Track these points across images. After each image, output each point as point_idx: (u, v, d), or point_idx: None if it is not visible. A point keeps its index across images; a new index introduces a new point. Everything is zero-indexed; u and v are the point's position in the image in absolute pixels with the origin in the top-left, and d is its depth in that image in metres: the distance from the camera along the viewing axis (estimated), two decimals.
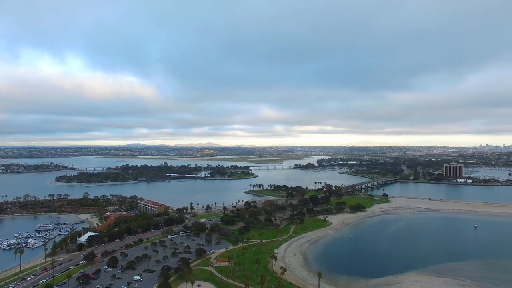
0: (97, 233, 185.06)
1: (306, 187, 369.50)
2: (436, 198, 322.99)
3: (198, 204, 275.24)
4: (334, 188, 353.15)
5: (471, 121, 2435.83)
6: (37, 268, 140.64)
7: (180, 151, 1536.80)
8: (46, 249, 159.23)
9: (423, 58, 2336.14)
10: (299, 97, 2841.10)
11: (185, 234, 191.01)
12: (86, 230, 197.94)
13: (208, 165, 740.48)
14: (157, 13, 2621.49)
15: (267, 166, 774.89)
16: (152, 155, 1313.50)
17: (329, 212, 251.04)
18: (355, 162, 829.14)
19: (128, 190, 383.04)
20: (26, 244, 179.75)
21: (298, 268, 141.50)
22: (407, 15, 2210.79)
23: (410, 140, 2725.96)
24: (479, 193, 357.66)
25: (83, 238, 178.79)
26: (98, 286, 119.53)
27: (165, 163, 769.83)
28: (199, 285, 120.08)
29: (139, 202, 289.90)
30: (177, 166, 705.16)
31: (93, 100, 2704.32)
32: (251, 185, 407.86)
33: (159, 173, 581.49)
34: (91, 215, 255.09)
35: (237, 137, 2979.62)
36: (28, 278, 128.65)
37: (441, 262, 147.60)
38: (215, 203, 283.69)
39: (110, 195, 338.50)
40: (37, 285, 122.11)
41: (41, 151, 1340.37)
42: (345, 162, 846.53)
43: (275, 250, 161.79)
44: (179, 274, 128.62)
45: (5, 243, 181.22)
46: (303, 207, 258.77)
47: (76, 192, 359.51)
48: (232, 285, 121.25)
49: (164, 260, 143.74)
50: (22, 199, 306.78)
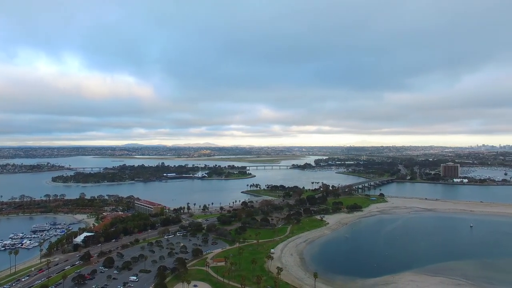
0: (93, 234, 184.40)
1: (303, 187, 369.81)
2: (433, 198, 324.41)
3: (195, 204, 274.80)
4: (331, 188, 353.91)
5: (468, 121, 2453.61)
6: (32, 269, 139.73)
7: (178, 151, 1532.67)
8: (42, 250, 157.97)
9: (421, 58, 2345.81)
10: (297, 97, 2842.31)
11: (182, 234, 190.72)
12: (82, 231, 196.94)
13: (206, 165, 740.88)
14: (156, 13, 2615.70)
15: (265, 166, 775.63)
16: (150, 155, 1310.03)
17: (326, 212, 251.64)
18: (352, 162, 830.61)
19: (125, 190, 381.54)
20: (21, 245, 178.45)
21: (295, 268, 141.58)
22: (406, 16, 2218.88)
23: (408, 140, 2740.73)
24: (475, 193, 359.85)
25: (79, 239, 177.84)
26: (94, 287, 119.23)
27: (163, 163, 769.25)
28: (195, 285, 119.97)
29: (136, 202, 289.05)
30: (175, 166, 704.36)
31: (91, 100, 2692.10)
32: (248, 185, 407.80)
33: (156, 173, 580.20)
34: (88, 216, 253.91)
35: (235, 137, 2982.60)
36: (23, 279, 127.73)
37: (437, 262, 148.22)
38: (212, 203, 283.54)
39: (107, 195, 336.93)
40: (32, 286, 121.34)
41: (38, 151, 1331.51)
42: (342, 162, 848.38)
43: (272, 250, 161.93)
44: (175, 274, 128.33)
45: (0, 244, 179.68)
46: (300, 207, 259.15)
47: (73, 192, 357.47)
48: (228, 285, 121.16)
49: (161, 260, 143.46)
50: (18, 200, 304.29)
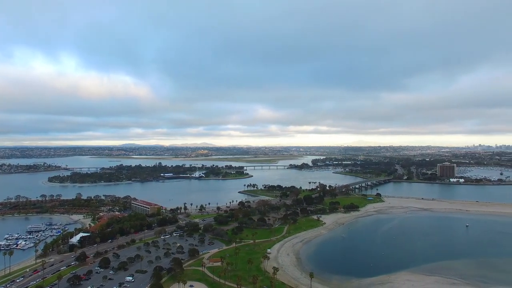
0: (89, 234, 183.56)
1: (300, 187, 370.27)
2: (429, 198, 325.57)
3: (192, 204, 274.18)
4: (328, 188, 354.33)
5: (464, 121, 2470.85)
6: (27, 270, 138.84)
7: (175, 151, 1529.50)
8: (37, 250, 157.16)
9: (418, 59, 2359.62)
10: (295, 97, 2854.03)
11: (178, 235, 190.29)
12: (78, 231, 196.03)
13: (203, 165, 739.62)
14: (153, 13, 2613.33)
15: (262, 166, 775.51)
16: (147, 155, 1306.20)
17: (323, 212, 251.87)
18: (350, 162, 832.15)
19: (122, 191, 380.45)
20: (17, 246, 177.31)
21: (291, 268, 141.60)
22: (403, 16, 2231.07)
23: (405, 140, 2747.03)
24: (471, 193, 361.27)
25: (75, 239, 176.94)
26: (89, 287, 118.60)
27: (160, 163, 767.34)
28: (191, 285, 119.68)
29: (133, 203, 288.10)
30: (172, 166, 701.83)
31: (87, 100, 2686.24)
32: (246, 185, 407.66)
33: (153, 173, 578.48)
34: (84, 216, 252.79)
35: (232, 137, 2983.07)
36: (18, 280, 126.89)
37: (433, 261, 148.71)
38: (209, 203, 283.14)
39: (104, 196, 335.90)
40: (27, 287, 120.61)
41: (34, 151, 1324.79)
42: (340, 162, 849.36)
43: (268, 250, 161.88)
44: (172, 275, 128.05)
45: None
46: (297, 207, 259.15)
47: (69, 193, 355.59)
48: (224, 285, 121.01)
49: (157, 261, 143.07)
50: (14, 200, 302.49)
